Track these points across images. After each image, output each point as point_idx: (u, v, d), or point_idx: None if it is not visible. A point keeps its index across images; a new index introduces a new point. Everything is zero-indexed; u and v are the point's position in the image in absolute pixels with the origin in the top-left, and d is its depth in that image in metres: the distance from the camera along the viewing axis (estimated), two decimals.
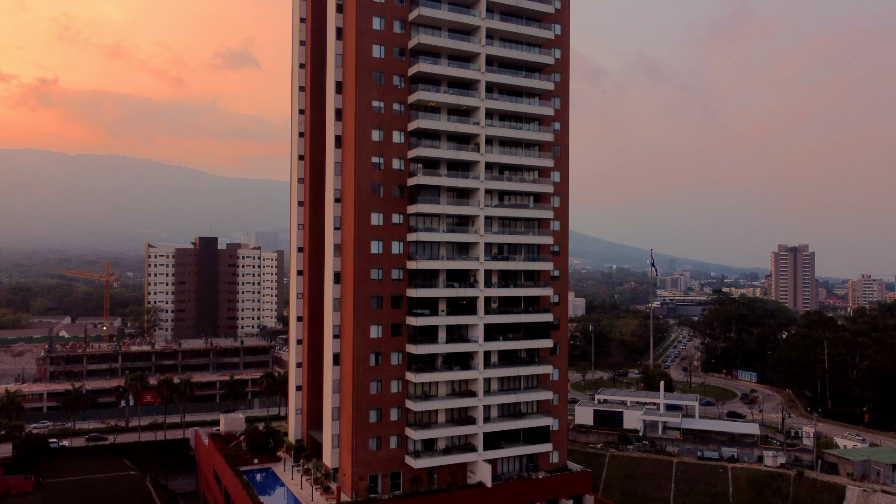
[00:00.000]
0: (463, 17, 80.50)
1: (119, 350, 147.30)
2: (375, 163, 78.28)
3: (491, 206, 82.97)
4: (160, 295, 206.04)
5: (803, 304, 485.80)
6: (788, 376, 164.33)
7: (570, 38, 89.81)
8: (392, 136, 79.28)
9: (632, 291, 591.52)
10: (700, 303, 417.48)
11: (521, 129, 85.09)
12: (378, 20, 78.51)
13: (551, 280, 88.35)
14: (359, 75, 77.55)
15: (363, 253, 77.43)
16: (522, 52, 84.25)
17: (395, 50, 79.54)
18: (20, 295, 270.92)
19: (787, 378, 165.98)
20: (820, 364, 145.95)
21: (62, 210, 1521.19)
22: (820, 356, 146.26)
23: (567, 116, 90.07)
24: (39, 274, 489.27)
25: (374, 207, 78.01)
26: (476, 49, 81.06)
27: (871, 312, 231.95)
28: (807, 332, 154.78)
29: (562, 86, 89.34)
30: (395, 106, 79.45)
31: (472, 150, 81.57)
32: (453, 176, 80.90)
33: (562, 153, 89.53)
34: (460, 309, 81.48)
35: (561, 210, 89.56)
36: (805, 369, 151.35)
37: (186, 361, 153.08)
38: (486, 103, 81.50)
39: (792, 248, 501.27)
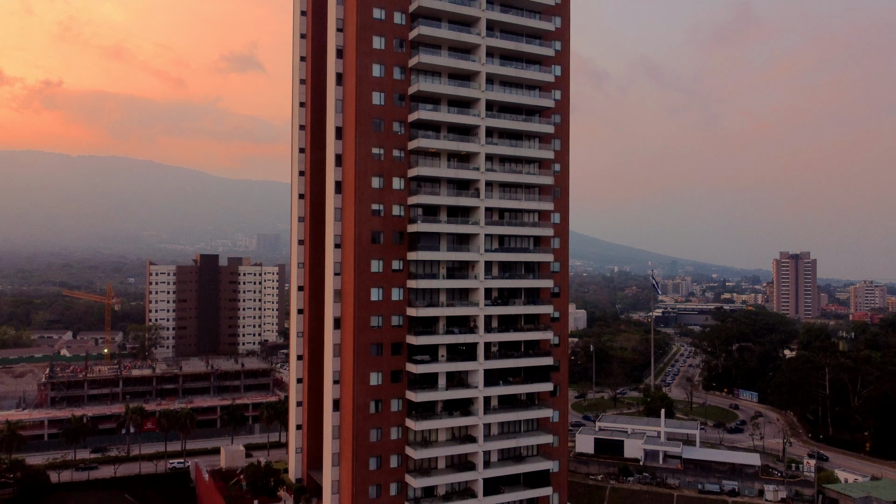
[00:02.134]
0: (463, 63, 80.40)
1: (120, 375, 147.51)
2: (375, 210, 78.19)
3: (491, 250, 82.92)
4: (161, 312, 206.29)
5: (805, 311, 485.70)
6: (790, 399, 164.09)
7: (570, 81, 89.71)
8: (392, 182, 79.19)
9: (633, 297, 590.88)
10: (701, 311, 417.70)
11: (520, 173, 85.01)
12: (378, 67, 78.45)
13: (551, 322, 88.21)
14: (359, 122, 77.52)
15: (363, 301, 77.38)
16: (522, 96, 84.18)
17: (395, 96, 79.45)
18: (22, 308, 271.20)
19: (789, 400, 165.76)
20: (821, 389, 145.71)
21: (64, 211, 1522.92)
22: (821, 382, 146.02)
23: (567, 157, 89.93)
24: (41, 280, 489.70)
25: (374, 255, 77.95)
26: (476, 94, 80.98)
27: (872, 328, 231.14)
28: (808, 357, 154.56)
29: (562, 127, 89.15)
30: (395, 152, 79.37)
31: (472, 195, 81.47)
32: (453, 222, 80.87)
33: (562, 194, 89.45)
34: (460, 354, 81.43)
35: (561, 251, 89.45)
36: (806, 394, 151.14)
37: (187, 385, 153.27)
38: (486, 148, 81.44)
39: (794, 255, 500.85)
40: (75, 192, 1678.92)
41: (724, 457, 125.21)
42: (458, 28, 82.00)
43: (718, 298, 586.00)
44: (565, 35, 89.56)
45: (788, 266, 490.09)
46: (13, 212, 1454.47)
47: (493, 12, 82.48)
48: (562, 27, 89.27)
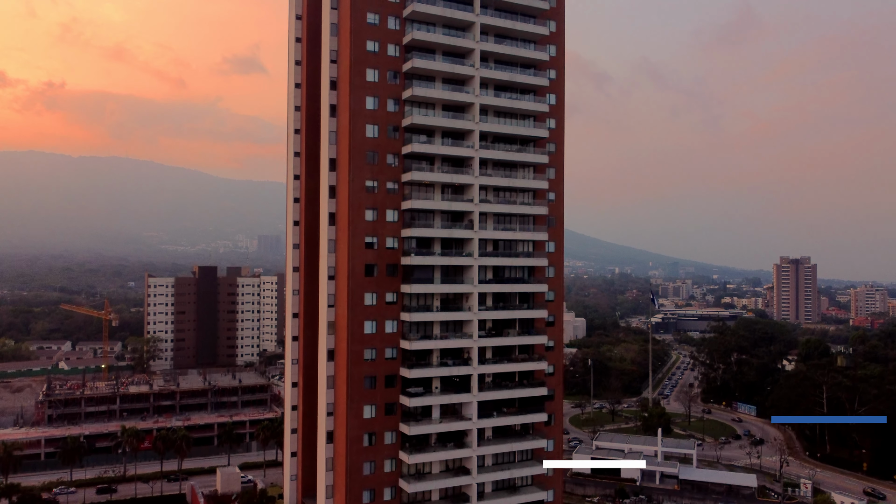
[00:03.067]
0: (457, 95, 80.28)
1: (117, 392, 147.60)
2: (369, 242, 78.13)
3: (485, 281, 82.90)
4: (160, 325, 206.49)
5: (805, 317, 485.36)
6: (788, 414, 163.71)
7: (564, 110, 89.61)
8: (386, 214, 79.13)
9: (633, 301, 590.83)
10: (701, 317, 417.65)
11: (515, 203, 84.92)
12: (372, 100, 78.39)
13: (546, 351, 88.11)
14: (353, 155, 77.49)
15: (357, 334, 77.35)
16: (516, 127, 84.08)
17: (389, 128, 79.38)
18: (21, 317, 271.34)
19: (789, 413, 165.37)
20: (818, 407, 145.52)
21: (65, 212, 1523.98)
22: (818, 399, 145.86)
23: (562, 186, 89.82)
24: (41, 285, 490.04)
25: (368, 288, 77.91)
26: (470, 126, 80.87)
27: (871, 339, 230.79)
28: (806, 374, 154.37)
29: (556, 156, 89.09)
30: (389, 185, 79.30)
31: (466, 226, 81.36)
32: (447, 254, 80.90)
33: (557, 223, 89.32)
34: (454, 386, 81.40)
35: (555, 280, 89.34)
36: (804, 410, 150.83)
37: (185, 401, 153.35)
38: (480, 179, 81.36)
39: (794, 259, 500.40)
40: (77, 192, 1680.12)
41: (720, 477, 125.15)
42: (452, 59, 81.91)
43: (719, 303, 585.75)
44: (560, 63, 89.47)
45: (789, 271, 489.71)
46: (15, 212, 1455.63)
47: (488, 44, 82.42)
48: (556, 55, 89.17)
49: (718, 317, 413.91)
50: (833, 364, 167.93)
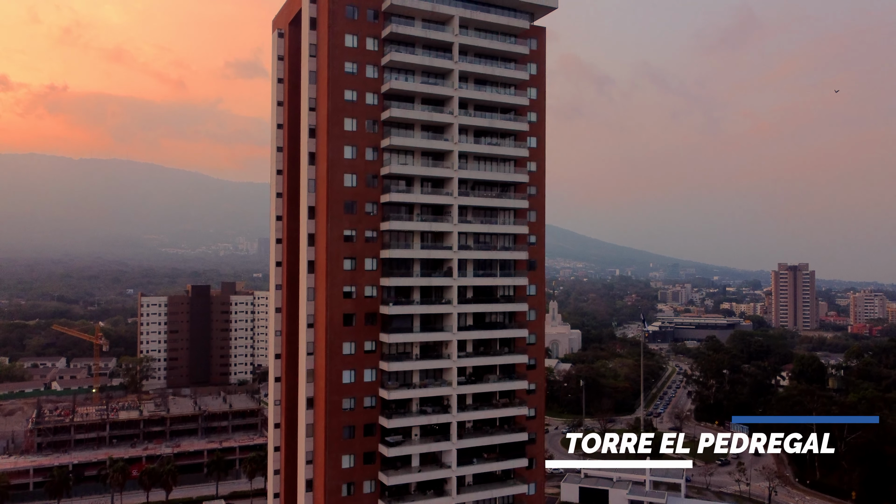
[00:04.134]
0: (435, 143, 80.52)
1: (107, 418, 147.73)
2: (347, 292, 78.08)
3: (465, 328, 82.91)
4: (153, 343, 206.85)
5: (804, 323, 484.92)
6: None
7: (545, 153, 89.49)
8: (364, 263, 79.04)
9: (632, 307, 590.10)
10: (699, 325, 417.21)
11: (495, 248, 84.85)
12: (350, 149, 78.22)
13: (527, 394, 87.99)
14: (330, 204, 77.41)
15: (335, 384, 77.33)
16: (496, 173, 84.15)
17: (368, 177, 79.34)
18: (16, 332, 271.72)
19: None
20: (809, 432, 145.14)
21: (65, 215, 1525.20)
22: (809, 425, 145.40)
23: (542, 229, 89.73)
24: (39, 293, 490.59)
25: (347, 337, 77.90)
26: (449, 174, 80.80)
27: (866, 356, 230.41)
28: (796, 398, 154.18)
29: (537, 199, 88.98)
30: (367, 233, 79.21)
31: (446, 274, 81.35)
32: (427, 302, 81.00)
33: (538, 266, 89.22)
34: (434, 434, 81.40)
35: (537, 323, 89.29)
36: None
37: (175, 427, 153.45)
38: (460, 227, 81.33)
39: (792, 266, 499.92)
40: (77, 195, 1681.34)
41: None
42: (430, 107, 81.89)
43: (718, 308, 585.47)
44: (541, 106, 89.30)
45: (787, 277, 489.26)
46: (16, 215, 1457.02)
47: (466, 90, 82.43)
48: (537, 98, 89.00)
49: (716, 325, 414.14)
50: (824, 387, 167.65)
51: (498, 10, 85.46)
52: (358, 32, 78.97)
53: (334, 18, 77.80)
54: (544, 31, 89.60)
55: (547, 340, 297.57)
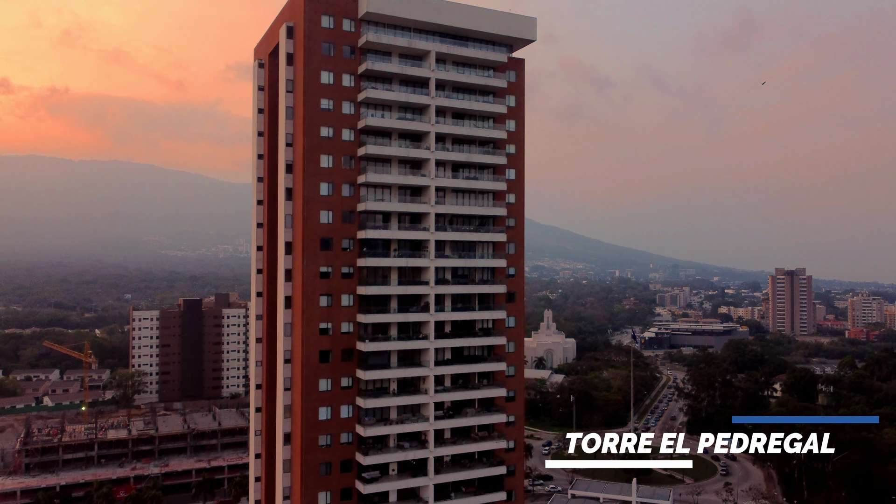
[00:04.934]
0: (412, 179, 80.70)
1: (95, 438, 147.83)
2: (324, 328, 78.05)
3: (443, 361, 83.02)
4: (145, 357, 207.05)
5: (801, 328, 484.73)
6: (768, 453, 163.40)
7: (524, 185, 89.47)
8: (341, 300, 79.07)
9: (630, 311, 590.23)
10: (695, 332, 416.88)
11: (473, 283, 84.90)
12: (326, 186, 78.28)
13: (507, 427, 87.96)
14: (306, 243, 77.44)
15: (311, 420, 77.38)
16: (474, 208, 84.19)
17: (345, 213, 79.26)
18: (10, 344, 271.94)
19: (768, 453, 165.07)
20: (794, 454, 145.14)
21: (66, 217, 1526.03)
22: None
23: (521, 261, 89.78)
24: (36, 299, 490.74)
25: (323, 374, 77.96)
26: (426, 209, 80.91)
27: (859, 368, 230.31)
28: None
29: (516, 230, 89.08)
30: (344, 269, 79.20)
31: (423, 309, 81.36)
32: (404, 337, 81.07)
33: (518, 298, 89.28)
34: (412, 469, 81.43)
35: (516, 355, 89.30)
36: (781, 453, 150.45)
37: (164, 446, 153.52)
38: (437, 262, 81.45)
39: (789, 271, 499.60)
40: (77, 197, 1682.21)
41: None
42: (407, 142, 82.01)
43: (716, 312, 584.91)
44: (520, 137, 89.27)
45: (784, 282, 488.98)
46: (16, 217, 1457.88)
47: (443, 125, 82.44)
48: (516, 130, 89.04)
49: (712, 331, 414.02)
50: (814, 402, 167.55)
51: (475, 44, 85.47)
52: (334, 69, 78.99)
53: (310, 55, 77.84)
54: (523, 62, 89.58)
55: (541, 350, 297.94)
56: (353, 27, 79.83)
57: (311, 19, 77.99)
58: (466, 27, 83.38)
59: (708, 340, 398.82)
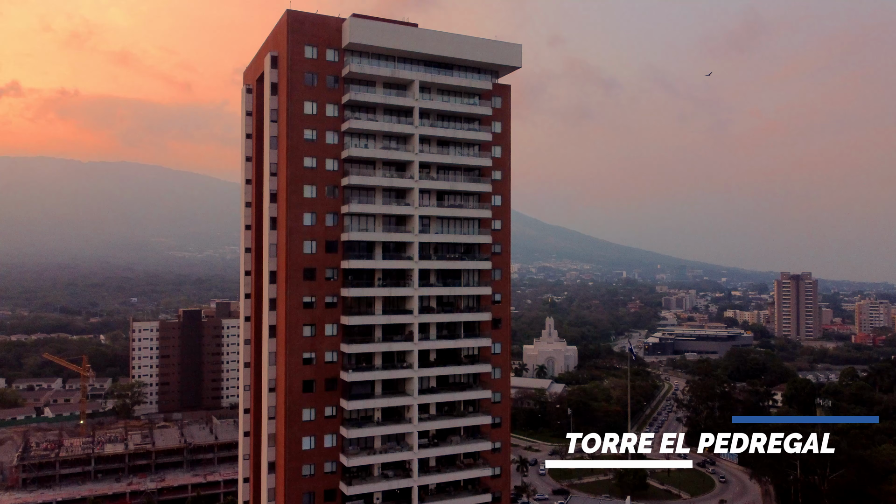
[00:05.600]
0: (395, 209, 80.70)
1: (92, 453, 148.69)
2: (307, 358, 78.36)
3: (427, 390, 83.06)
4: (145, 368, 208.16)
5: (806, 333, 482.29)
6: (766, 467, 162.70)
7: (510, 221, 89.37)
8: (325, 329, 79.19)
9: (635, 314, 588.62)
10: (699, 337, 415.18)
11: (458, 310, 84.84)
12: (309, 216, 78.38)
13: (492, 453, 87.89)
14: (289, 273, 77.68)
15: (294, 450, 77.61)
16: (458, 236, 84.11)
17: (328, 242, 79.44)
18: (13, 352, 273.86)
19: (765, 468, 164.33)
20: (792, 469, 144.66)
21: (74, 218, 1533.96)
22: (792, 461, 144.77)
23: (508, 297, 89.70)
24: (42, 304, 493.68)
25: (306, 404, 78.17)
26: (410, 238, 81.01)
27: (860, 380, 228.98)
28: None
29: (502, 257, 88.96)
30: (328, 299, 79.28)
31: (406, 339, 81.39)
32: (388, 367, 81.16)
33: (504, 325, 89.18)
34: (395, 498, 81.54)
35: (502, 382, 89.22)
36: (779, 468, 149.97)
37: (160, 460, 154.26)
38: (420, 290, 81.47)
39: (794, 276, 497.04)
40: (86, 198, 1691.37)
41: None
42: (391, 171, 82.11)
43: (721, 316, 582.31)
44: (506, 164, 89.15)
45: (789, 286, 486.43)
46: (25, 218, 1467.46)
47: (427, 154, 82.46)
48: (502, 156, 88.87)
49: (716, 337, 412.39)
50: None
51: (461, 71, 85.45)
52: (317, 99, 79.14)
53: (293, 86, 78.02)
54: (509, 88, 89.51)
55: (542, 358, 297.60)
56: (336, 57, 79.97)
57: (294, 50, 78.18)
58: (451, 56, 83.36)
59: (712, 346, 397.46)
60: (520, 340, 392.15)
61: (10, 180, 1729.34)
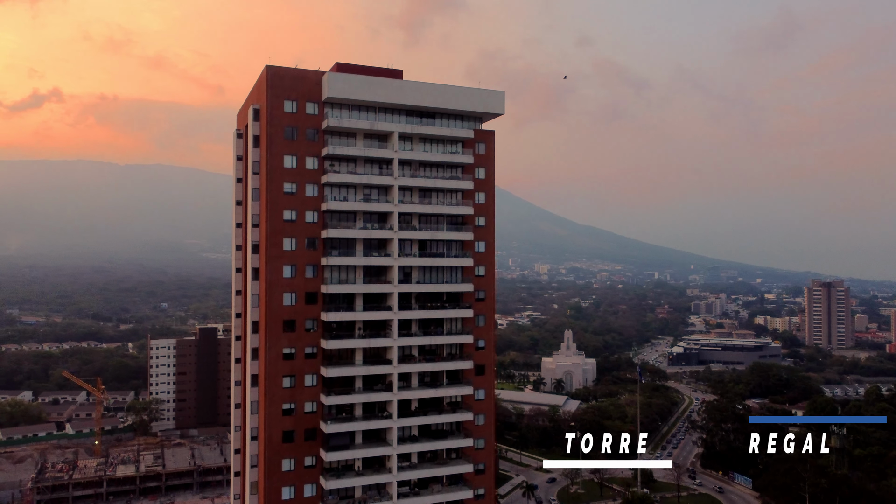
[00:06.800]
0: (374, 260, 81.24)
1: (105, 476, 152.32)
2: (287, 409, 79.31)
3: (408, 438, 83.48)
4: (162, 385, 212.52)
5: (838, 342, 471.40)
6: (779, 495, 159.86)
7: (494, 256, 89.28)
8: (304, 380, 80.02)
9: (662, 320, 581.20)
10: (725, 347, 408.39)
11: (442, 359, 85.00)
12: (289, 268, 79.26)
13: (475, 500, 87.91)
14: (269, 325, 78.68)
15: (274, 500, 78.62)
16: (438, 286, 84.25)
17: (308, 294, 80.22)
18: (41, 363, 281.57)
19: (778, 496, 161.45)
20: (800, 502, 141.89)
21: (111, 220, 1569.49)
22: (802, 493, 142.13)
23: (492, 337, 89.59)
24: (75, 310, 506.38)
25: (286, 454, 79.05)
26: (389, 289, 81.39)
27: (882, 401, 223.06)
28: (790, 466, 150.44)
29: (487, 303, 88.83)
30: (307, 350, 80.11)
31: (386, 389, 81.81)
32: (369, 417, 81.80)
33: (488, 371, 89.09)
34: None
35: (485, 428, 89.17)
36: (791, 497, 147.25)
37: (171, 482, 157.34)
38: (399, 341, 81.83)
39: (826, 283, 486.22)
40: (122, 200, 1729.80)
41: None
42: (373, 221, 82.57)
43: (752, 322, 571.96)
44: (489, 210, 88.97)
45: (820, 294, 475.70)
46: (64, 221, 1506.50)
47: (407, 205, 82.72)
48: (486, 202, 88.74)
49: (743, 347, 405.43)
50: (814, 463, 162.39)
51: (443, 119, 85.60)
52: (297, 152, 79.97)
53: (272, 140, 79.00)
54: (493, 134, 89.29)
55: (560, 372, 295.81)
56: (316, 110, 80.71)
57: (273, 105, 79.14)
58: (432, 106, 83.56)
59: (738, 357, 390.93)
60: (541, 350, 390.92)
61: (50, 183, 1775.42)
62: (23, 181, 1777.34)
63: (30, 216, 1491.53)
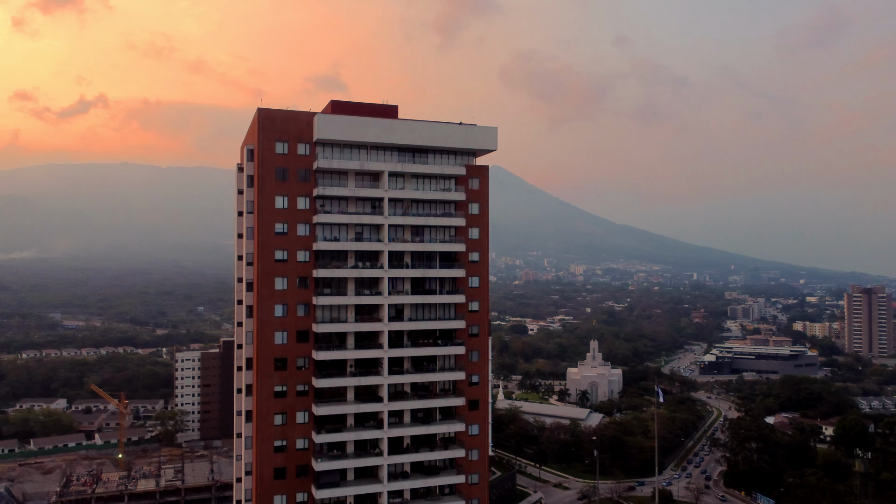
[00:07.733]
0: (365, 299, 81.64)
1: (125, 490, 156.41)
2: (279, 446, 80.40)
3: (399, 474, 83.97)
4: (187, 396, 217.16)
5: (880, 349, 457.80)
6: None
7: (488, 289, 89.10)
8: (296, 417, 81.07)
9: (697, 325, 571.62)
10: (759, 356, 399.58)
11: (430, 396, 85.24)
12: (280, 307, 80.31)
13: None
14: (260, 363, 79.90)
15: None
16: (432, 323, 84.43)
17: (299, 333, 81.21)
18: (76, 371, 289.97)
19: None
20: None
21: (153, 222, 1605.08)
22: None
23: (486, 372, 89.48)
24: (115, 313, 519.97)
25: (278, 491, 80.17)
26: (380, 328, 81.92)
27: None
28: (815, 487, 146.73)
29: (480, 338, 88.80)
30: (299, 387, 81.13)
31: (377, 427, 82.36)
32: (360, 454, 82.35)
33: (481, 403, 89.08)
34: None
35: (479, 463, 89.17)
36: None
37: (189, 497, 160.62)
38: (389, 379, 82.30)
39: (866, 289, 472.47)
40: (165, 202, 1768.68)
41: None
42: (362, 262, 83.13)
43: (790, 328, 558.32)
44: (483, 245, 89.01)
45: (861, 301, 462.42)
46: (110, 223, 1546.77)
47: (398, 243, 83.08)
48: (480, 237, 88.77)
49: (777, 355, 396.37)
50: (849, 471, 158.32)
51: (435, 155, 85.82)
52: (288, 193, 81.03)
53: (264, 182, 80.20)
54: (486, 169, 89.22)
55: (584, 383, 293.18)
56: (307, 150, 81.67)
57: (265, 146, 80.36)
58: (423, 144, 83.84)
59: (772, 365, 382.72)
60: (570, 357, 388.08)
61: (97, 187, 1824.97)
62: (70, 185, 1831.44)
63: (76, 219, 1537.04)
